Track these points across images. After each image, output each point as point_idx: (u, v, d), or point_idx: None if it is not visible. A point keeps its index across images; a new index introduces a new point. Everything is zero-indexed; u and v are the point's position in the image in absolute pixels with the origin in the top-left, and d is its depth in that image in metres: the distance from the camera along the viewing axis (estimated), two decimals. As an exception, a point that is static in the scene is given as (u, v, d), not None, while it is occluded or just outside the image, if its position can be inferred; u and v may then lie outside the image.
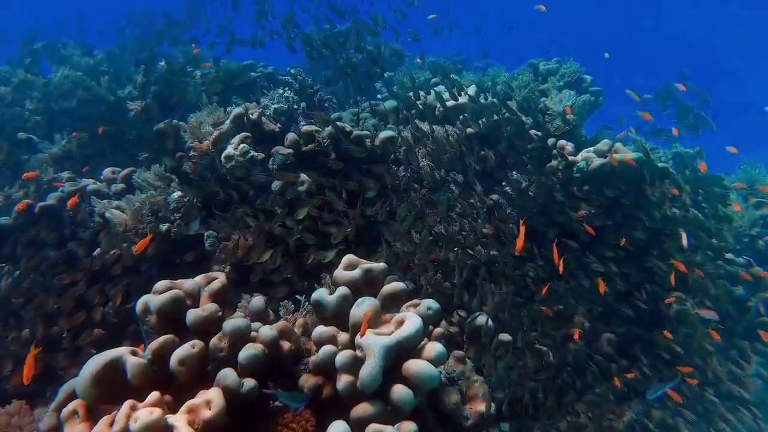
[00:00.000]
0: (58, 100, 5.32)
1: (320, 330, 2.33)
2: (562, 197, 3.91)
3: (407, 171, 3.78)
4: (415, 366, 2.20)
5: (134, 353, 2.08)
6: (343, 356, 2.18)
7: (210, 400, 1.94)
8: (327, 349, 2.26)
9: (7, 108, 5.38)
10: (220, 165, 3.24)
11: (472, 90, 4.72)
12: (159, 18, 5.91)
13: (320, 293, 2.44)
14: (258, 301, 2.92)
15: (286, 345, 2.43)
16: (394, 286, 2.56)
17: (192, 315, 2.27)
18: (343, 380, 2.18)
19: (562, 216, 3.85)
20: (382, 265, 2.65)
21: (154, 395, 1.90)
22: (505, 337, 2.82)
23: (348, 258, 2.67)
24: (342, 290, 2.42)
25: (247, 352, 2.18)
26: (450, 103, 4.25)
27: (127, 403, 1.84)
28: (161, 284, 2.40)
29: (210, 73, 5.34)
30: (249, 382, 2.14)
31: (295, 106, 3.35)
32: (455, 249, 3.54)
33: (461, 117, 4.30)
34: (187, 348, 2.15)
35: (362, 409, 2.10)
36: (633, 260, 3.87)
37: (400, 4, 5.07)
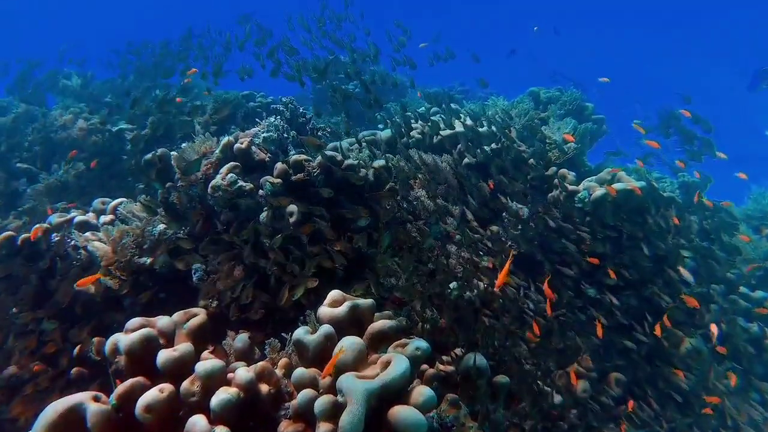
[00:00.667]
0: (57, 131, 5.33)
1: (299, 373, 2.17)
2: (562, 227, 3.76)
3: (401, 201, 3.67)
4: (401, 412, 2.03)
5: (96, 399, 1.94)
6: (322, 402, 2.02)
7: (175, 451, 1.79)
8: (306, 393, 2.10)
9: (7, 138, 5.39)
10: (210, 196, 3.15)
11: (470, 119, 4.65)
12: (159, 48, 5.97)
13: (301, 332, 2.30)
14: (242, 338, 2.78)
15: (264, 388, 2.27)
16: (381, 324, 2.42)
17: (163, 356, 2.13)
18: (322, 429, 2.01)
19: (559, 244, 3.70)
20: (369, 301, 2.51)
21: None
22: (501, 379, 2.63)
23: (334, 294, 2.53)
24: (324, 329, 2.28)
25: (221, 397, 2.03)
26: (446, 132, 4.17)
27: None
28: (133, 322, 2.28)
29: (206, 103, 5.33)
30: (221, 431, 1.98)
31: (285, 135, 3.27)
32: (452, 283, 3.40)
33: (458, 146, 4.21)
34: (155, 393, 2.00)
35: (343, 461, 1.93)
36: (635, 291, 3.69)
37: (398, 33, 5.07)
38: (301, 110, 3.55)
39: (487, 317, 3.09)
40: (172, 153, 3.39)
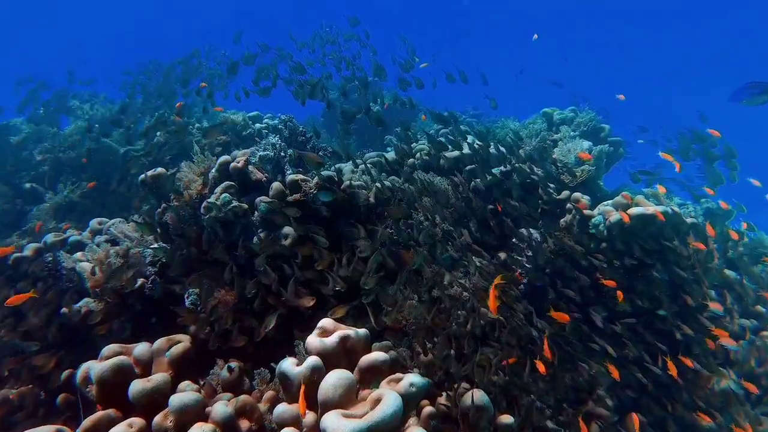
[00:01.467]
0: (66, 151, 5.34)
1: (281, 410, 1.99)
2: (574, 255, 3.54)
3: (403, 225, 3.51)
4: (390, 458, 1.84)
5: (58, 435, 1.79)
6: (303, 444, 1.84)
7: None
8: (286, 433, 1.92)
9: (15, 156, 5.41)
10: (203, 216, 3.03)
11: (478, 140, 4.49)
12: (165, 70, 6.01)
13: (286, 364, 2.13)
14: (227, 371, 2.62)
15: (245, 424, 2.10)
16: (374, 357, 2.23)
17: (135, 387, 1.98)
18: (302, 474, 1.83)
19: (570, 273, 3.47)
20: (361, 331, 2.34)
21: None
22: (505, 419, 2.40)
23: (324, 322, 2.36)
24: (311, 361, 2.10)
25: (194, 434, 1.86)
26: (452, 153, 4.02)
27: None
28: (109, 348, 2.14)
29: (214, 124, 5.30)
30: (192, 473, 1.81)
31: (282, 154, 3.16)
32: (457, 313, 3.20)
33: (466, 168, 4.05)
34: (123, 428, 1.84)
35: None
36: (654, 322, 3.43)
37: (405, 54, 4.99)
38: (300, 129, 3.45)
39: (490, 347, 2.87)
40: (167, 173, 3.30)
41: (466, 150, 3.97)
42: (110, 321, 2.94)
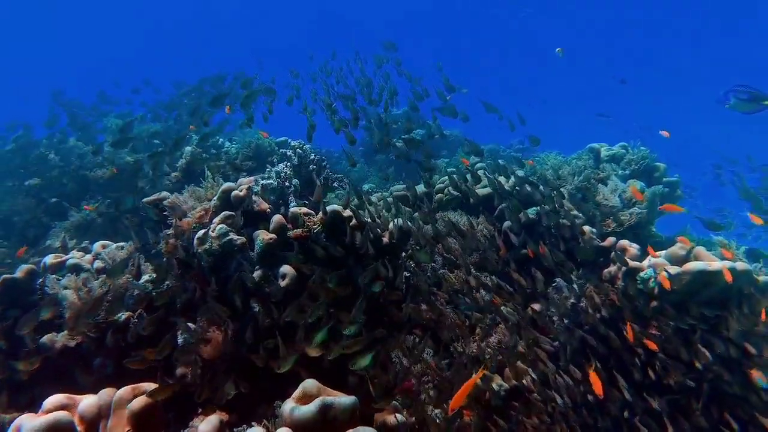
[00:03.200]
0: (93, 170, 5.33)
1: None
2: (618, 313, 3.04)
3: (421, 269, 3.14)
4: None
5: None
6: None
7: None
8: None
9: (48, 172, 5.45)
10: (196, 248, 2.78)
11: (515, 177, 4.09)
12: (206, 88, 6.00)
13: (251, 437, 1.79)
14: (212, 421, 2.31)
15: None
16: (358, 433, 1.85)
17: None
18: None
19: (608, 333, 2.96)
20: (347, 400, 1.96)
21: None
22: None
23: (307, 385, 2.00)
24: (280, 435, 1.75)
25: None
26: (484, 190, 3.63)
27: None
28: (52, 400, 1.87)
29: (239, 149, 5.16)
30: None
31: (287, 184, 2.88)
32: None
33: (498, 208, 3.65)
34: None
35: None
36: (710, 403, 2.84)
37: (442, 86, 4.68)
38: (312, 157, 3.17)
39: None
40: (169, 197, 3.09)
41: (503, 186, 3.57)
42: (90, 356, 2.70)
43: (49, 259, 3.35)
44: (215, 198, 2.96)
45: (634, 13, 25.77)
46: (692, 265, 2.91)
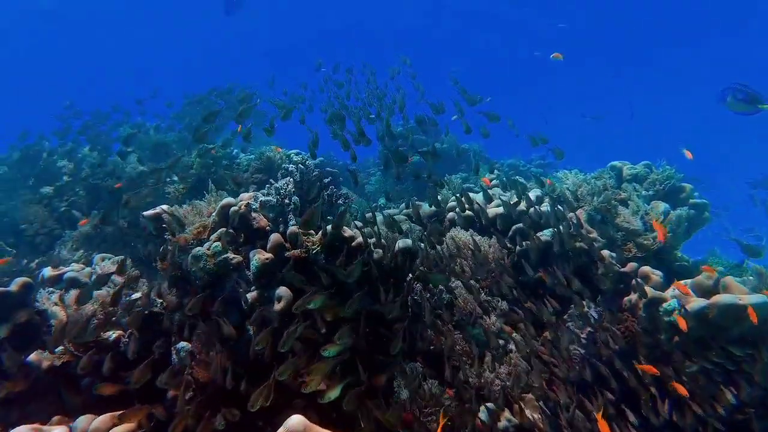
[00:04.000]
0: (105, 179, 5.32)
1: None
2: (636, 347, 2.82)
3: (428, 292, 2.98)
4: None
5: None
6: None
7: None
8: None
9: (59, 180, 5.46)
10: (191, 266, 2.67)
11: (532, 195, 3.90)
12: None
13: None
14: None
15: None
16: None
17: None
18: None
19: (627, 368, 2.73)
20: (335, 442, 1.80)
21: None
22: None
23: (289, 424, 1.85)
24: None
25: None
26: (495, 210, 3.45)
27: None
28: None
29: (250, 161, 5.09)
30: None
31: (287, 201, 2.76)
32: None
33: (512, 229, 3.46)
34: None
35: None
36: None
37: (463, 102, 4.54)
38: (316, 172, 3.05)
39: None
40: (169, 210, 2.99)
41: (520, 206, 3.40)
42: (78, 376, 2.60)
43: (48, 271, 3.29)
44: (214, 214, 2.86)
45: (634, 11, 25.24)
46: (720, 299, 2.68)
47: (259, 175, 5.18)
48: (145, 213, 3.02)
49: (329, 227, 2.55)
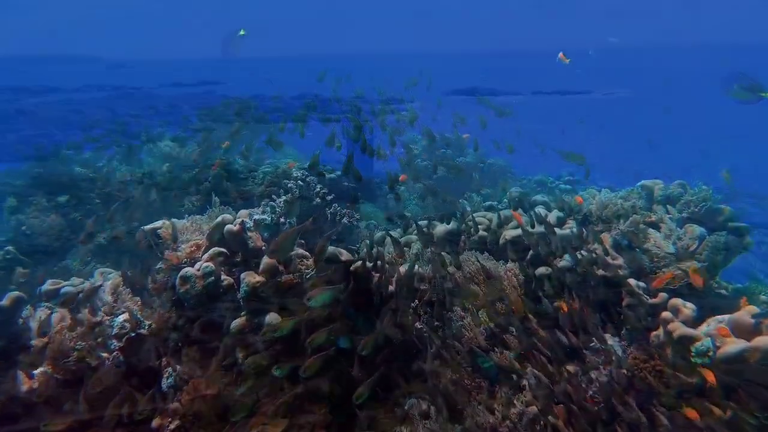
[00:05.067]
0: (118, 187, 5.32)
1: None
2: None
3: (436, 320, 2.76)
4: None
5: None
6: None
7: None
8: None
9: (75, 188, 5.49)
10: (179, 287, 2.53)
11: (553, 216, 3.64)
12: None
13: None
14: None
15: None
16: None
17: None
18: None
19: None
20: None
21: None
22: None
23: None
24: None
25: None
26: (513, 232, 3.22)
27: None
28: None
29: (267, 173, 4.99)
30: None
31: (283, 219, 2.60)
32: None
33: (529, 254, 3.21)
34: None
35: None
36: None
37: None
38: (317, 189, 2.88)
39: None
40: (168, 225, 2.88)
41: (535, 228, 3.15)
42: (60, 399, 2.49)
43: (47, 285, 3.22)
44: (209, 232, 2.72)
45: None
46: (764, 341, 2.36)
47: (274, 188, 5.07)
48: (145, 227, 2.92)
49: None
